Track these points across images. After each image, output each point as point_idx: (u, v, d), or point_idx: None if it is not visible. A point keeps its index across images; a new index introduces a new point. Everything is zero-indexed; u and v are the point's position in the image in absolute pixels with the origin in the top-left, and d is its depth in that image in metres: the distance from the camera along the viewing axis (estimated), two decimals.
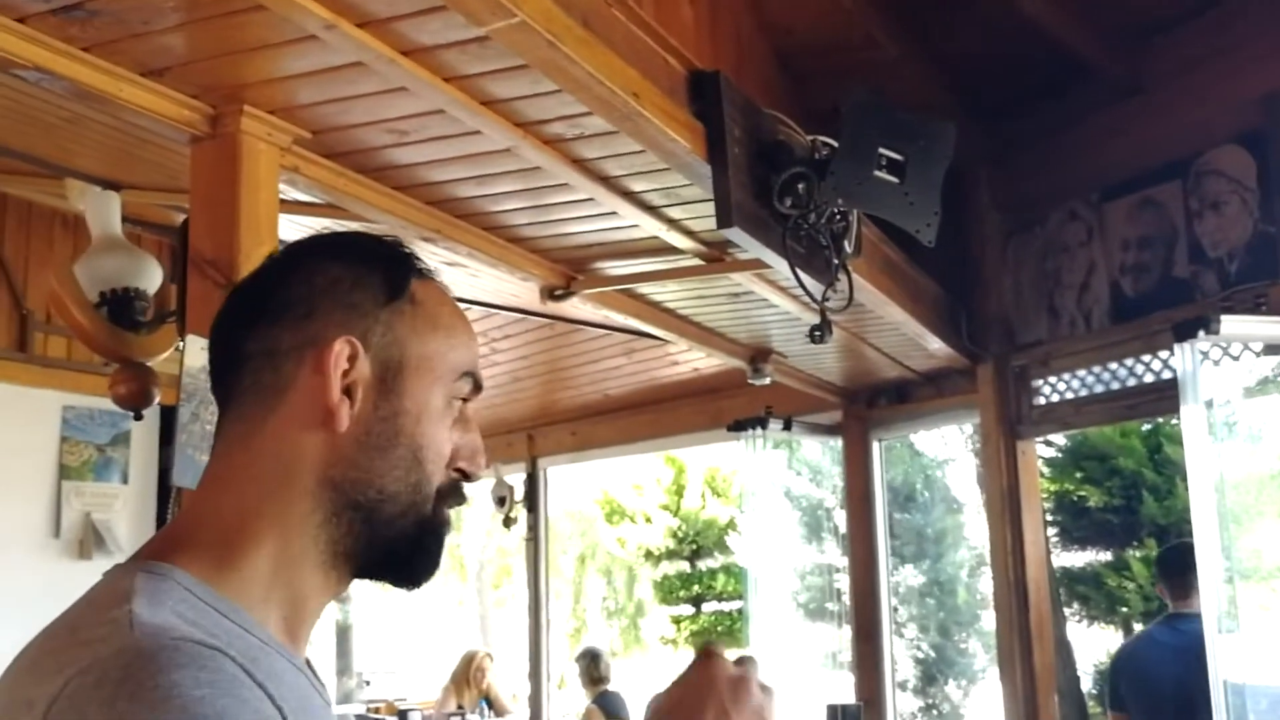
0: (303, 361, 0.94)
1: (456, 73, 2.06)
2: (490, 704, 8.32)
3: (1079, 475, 8.89)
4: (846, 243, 2.79)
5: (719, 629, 14.85)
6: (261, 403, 0.95)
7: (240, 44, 1.99)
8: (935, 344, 4.38)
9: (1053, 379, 4.50)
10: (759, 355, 4.58)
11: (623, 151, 2.42)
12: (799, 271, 2.56)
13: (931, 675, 9.98)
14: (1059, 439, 9.03)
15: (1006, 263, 4.62)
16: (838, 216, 2.72)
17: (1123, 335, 4.15)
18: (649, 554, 16.10)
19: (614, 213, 2.81)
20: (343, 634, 11.50)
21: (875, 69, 4.00)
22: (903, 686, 9.96)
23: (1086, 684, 9.32)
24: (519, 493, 7.05)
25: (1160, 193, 4.05)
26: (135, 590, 0.84)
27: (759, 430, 5.37)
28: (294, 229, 2.77)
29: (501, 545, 15.76)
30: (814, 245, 2.74)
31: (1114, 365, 4.23)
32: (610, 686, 7.53)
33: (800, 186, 2.61)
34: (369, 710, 8.76)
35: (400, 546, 0.97)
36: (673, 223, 2.92)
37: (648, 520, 16.06)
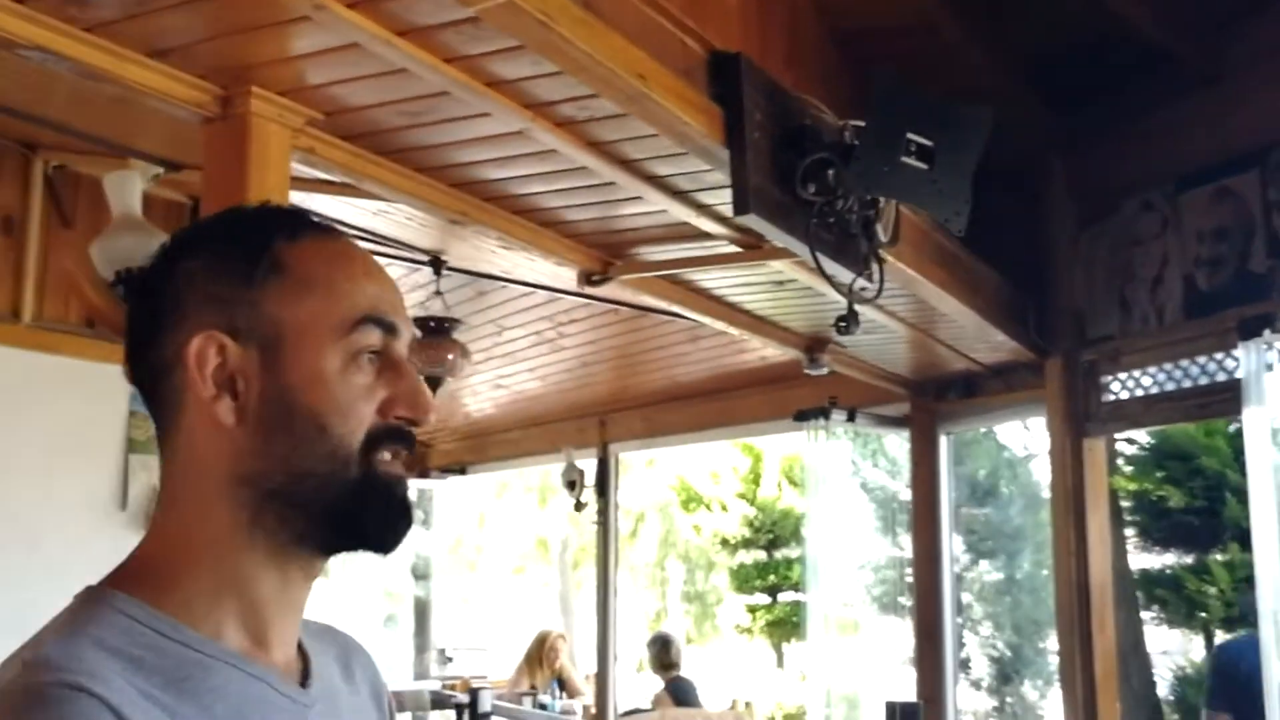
0: (184, 367, 0.93)
1: (456, 53, 2.03)
2: (562, 684, 8.36)
3: (1160, 475, 8.57)
4: (879, 229, 2.71)
5: (793, 619, 14.71)
6: (169, 416, 0.96)
7: (240, 24, 1.98)
8: (999, 337, 4.25)
9: (1123, 375, 4.32)
10: (815, 345, 4.48)
11: (638, 135, 2.37)
12: (820, 259, 2.49)
13: (1006, 675, 9.73)
14: (1142, 436, 8.73)
15: (1079, 254, 4.45)
16: (867, 202, 2.63)
17: (1195, 331, 3.97)
18: (725, 541, 15.99)
19: (639, 197, 2.77)
20: (421, 611, 11.66)
21: (942, 54, 3.88)
22: (976, 685, 9.73)
23: (1163, 690, 9.00)
24: (589, 477, 7.06)
25: (1238, 183, 3.87)
26: (61, 621, 0.88)
27: (823, 420, 5.31)
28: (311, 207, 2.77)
29: (584, 526, 15.83)
30: (845, 233, 2.66)
31: (1185, 362, 4.05)
32: (681, 672, 7.53)
33: (829, 173, 2.54)
34: (444, 687, 8.87)
35: (336, 519, 0.94)
36: (702, 208, 2.86)
37: (724, 508, 15.95)
